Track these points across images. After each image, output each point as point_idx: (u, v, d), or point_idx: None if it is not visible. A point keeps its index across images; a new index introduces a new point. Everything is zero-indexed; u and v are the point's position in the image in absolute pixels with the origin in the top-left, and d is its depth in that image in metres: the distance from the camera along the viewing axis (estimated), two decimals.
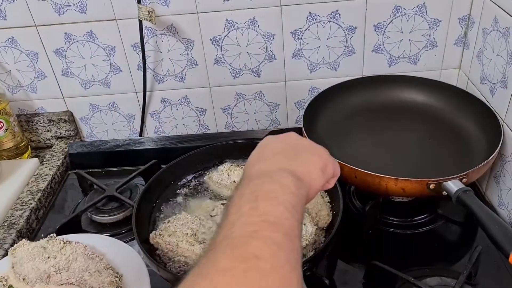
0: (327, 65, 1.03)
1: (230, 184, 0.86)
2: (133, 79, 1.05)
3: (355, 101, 1.01)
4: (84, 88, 1.07)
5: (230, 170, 0.87)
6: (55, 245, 0.73)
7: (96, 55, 1.02)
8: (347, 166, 0.77)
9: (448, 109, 0.96)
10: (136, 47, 1.01)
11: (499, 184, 0.85)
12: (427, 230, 0.83)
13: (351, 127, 0.96)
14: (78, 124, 1.13)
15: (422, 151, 0.89)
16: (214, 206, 0.82)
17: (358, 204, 0.89)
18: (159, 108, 1.10)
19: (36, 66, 1.04)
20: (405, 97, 1.01)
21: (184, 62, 1.03)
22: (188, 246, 0.72)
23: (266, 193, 0.45)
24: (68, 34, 0.99)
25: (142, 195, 0.80)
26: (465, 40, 0.99)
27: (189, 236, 0.74)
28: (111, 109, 1.10)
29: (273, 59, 1.02)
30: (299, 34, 0.99)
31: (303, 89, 1.07)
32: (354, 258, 0.80)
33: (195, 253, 0.71)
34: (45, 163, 1.04)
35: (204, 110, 1.10)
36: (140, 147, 1.04)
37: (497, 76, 0.85)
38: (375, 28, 0.98)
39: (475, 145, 0.88)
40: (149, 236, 0.74)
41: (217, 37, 0.99)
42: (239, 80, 1.05)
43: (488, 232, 0.63)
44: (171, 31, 0.99)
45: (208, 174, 0.89)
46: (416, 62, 1.02)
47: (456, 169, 0.76)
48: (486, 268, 0.73)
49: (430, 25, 0.97)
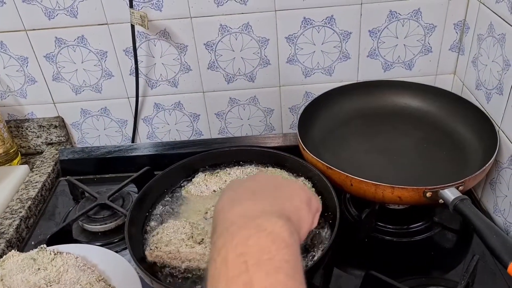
0: (322, 70, 1.02)
1: (210, 194, 0.85)
2: (125, 84, 1.04)
3: (350, 107, 1.01)
4: (75, 93, 1.05)
5: (207, 180, 0.86)
6: (46, 256, 0.72)
7: (87, 60, 1.00)
8: (343, 174, 0.77)
9: (443, 114, 0.96)
10: (128, 52, 0.99)
11: (495, 190, 0.85)
12: (423, 238, 0.82)
13: (346, 133, 0.96)
14: (69, 129, 1.11)
15: (417, 157, 0.89)
16: (207, 209, 0.81)
17: (354, 212, 0.88)
18: (151, 114, 1.08)
19: (26, 71, 1.02)
20: (400, 103, 1.00)
21: (177, 67, 1.02)
22: (189, 249, 0.71)
23: (257, 255, 0.35)
24: (59, 39, 0.97)
25: (135, 204, 0.78)
26: (460, 45, 0.99)
27: (187, 240, 0.73)
28: (103, 115, 1.08)
29: (268, 64, 1.01)
30: (293, 39, 0.98)
31: (297, 94, 1.06)
32: (350, 266, 0.79)
33: (198, 254, 0.70)
34: (35, 170, 1.02)
35: (198, 115, 1.09)
36: (132, 154, 1.03)
37: (493, 82, 0.85)
38: (370, 33, 0.97)
39: (471, 151, 0.88)
40: (146, 254, 0.72)
41: (210, 42, 0.98)
42: (233, 85, 1.04)
43: (486, 242, 0.63)
44: (164, 35, 0.97)
45: (185, 188, 0.87)
46: (411, 67, 1.02)
47: (452, 176, 0.76)
48: (482, 277, 0.73)
49: (425, 30, 0.97)
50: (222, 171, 0.89)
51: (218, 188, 0.86)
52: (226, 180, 0.87)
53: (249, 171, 0.88)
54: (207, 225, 0.77)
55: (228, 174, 0.88)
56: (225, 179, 0.87)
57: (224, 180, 0.87)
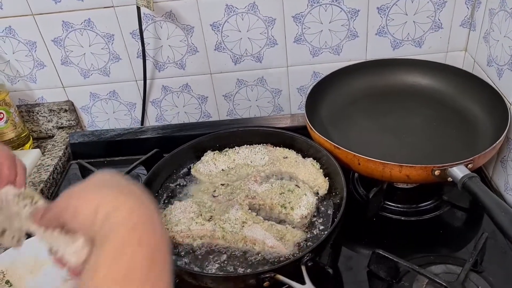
0: (330, 50, 1.01)
1: (219, 173, 0.85)
2: (133, 67, 1.04)
3: (358, 86, 0.99)
4: (84, 77, 1.05)
5: (215, 159, 0.87)
6: None
7: (94, 43, 1.01)
8: (351, 153, 0.76)
9: (454, 92, 0.94)
10: (135, 35, 0.99)
11: (506, 168, 0.84)
12: (432, 217, 0.82)
13: (355, 113, 0.95)
14: (79, 113, 1.12)
15: (427, 135, 0.88)
16: (215, 187, 0.82)
17: (362, 191, 0.88)
18: (160, 96, 1.09)
19: (34, 56, 1.02)
20: (410, 81, 0.99)
21: (184, 49, 1.01)
22: (200, 227, 0.73)
23: None
24: (66, 23, 0.98)
25: (144, 185, 0.79)
26: (471, 21, 0.96)
27: (196, 218, 0.74)
28: (111, 98, 1.09)
29: (275, 44, 1.00)
30: (300, 18, 0.97)
31: (305, 74, 1.05)
32: (358, 245, 0.80)
33: (209, 230, 0.72)
34: (46, 154, 1.04)
35: (206, 97, 1.09)
36: (141, 136, 1.03)
37: (505, 58, 0.83)
38: (378, 10, 0.95)
39: (482, 129, 0.86)
40: None
41: (217, 23, 0.97)
42: (240, 66, 1.03)
43: (495, 219, 0.62)
44: (170, 17, 0.97)
45: (194, 167, 0.88)
46: (421, 44, 1.00)
47: (462, 154, 0.75)
48: (492, 255, 0.72)
49: (435, 6, 0.95)
50: (230, 150, 0.90)
51: (227, 167, 0.87)
52: (234, 159, 0.87)
53: (257, 150, 0.88)
54: (214, 202, 0.77)
55: (237, 153, 0.88)
56: (233, 158, 0.87)
57: (232, 159, 0.87)
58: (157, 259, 0.39)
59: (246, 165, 0.86)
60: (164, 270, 0.39)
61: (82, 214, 0.41)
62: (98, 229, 0.39)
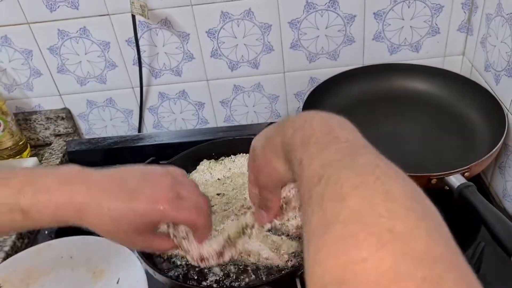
0: (327, 55, 1.00)
1: (215, 182, 0.85)
2: (129, 74, 1.03)
3: (356, 91, 0.99)
4: (80, 84, 1.05)
5: (211, 168, 0.86)
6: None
7: (90, 51, 1.00)
8: None
9: (451, 98, 0.94)
10: (130, 42, 0.99)
11: (504, 175, 0.83)
12: None
13: (352, 118, 0.93)
14: (76, 121, 1.12)
15: (424, 142, 0.87)
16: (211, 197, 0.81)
17: None
18: (156, 103, 1.08)
19: (31, 64, 1.02)
20: (407, 86, 0.98)
21: (180, 56, 1.01)
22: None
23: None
24: (61, 31, 0.98)
25: None
26: (469, 25, 0.96)
27: None
28: (108, 105, 1.09)
29: (271, 50, 1.00)
30: (296, 24, 0.96)
31: (302, 80, 1.04)
32: None
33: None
34: (44, 162, 1.04)
35: (203, 103, 1.08)
36: (138, 144, 1.03)
37: (502, 63, 0.82)
38: (375, 15, 0.95)
39: (479, 135, 0.86)
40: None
41: (212, 30, 0.97)
42: (236, 72, 1.03)
43: (491, 230, 0.62)
44: (165, 24, 0.96)
45: (190, 176, 0.88)
46: (418, 49, 0.99)
47: (459, 161, 0.74)
48: (489, 264, 0.72)
49: (432, 11, 0.94)
50: (226, 158, 0.89)
51: (223, 176, 0.86)
52: (230, 168, 0.87)
53: None
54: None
55: (232, 161, 0.88)
56: (229, 167, 0.87)
57: (228, 168, 0.87)
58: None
59: (242, 174, 0.85)
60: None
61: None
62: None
